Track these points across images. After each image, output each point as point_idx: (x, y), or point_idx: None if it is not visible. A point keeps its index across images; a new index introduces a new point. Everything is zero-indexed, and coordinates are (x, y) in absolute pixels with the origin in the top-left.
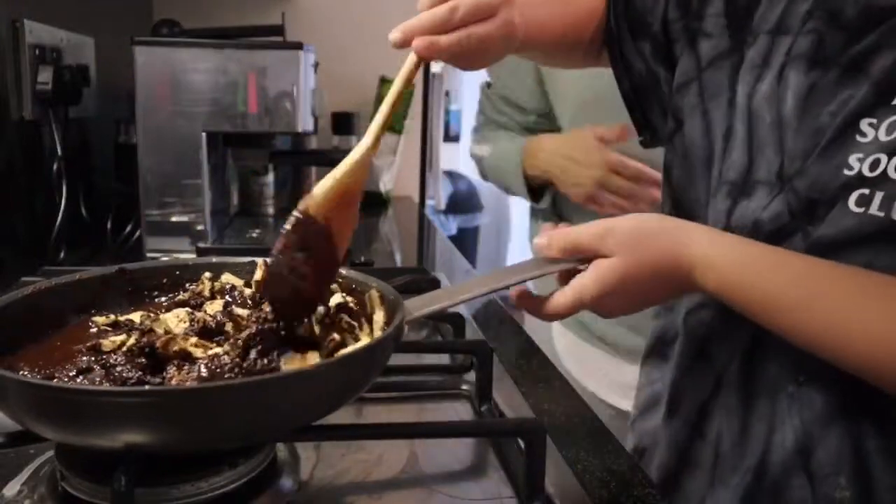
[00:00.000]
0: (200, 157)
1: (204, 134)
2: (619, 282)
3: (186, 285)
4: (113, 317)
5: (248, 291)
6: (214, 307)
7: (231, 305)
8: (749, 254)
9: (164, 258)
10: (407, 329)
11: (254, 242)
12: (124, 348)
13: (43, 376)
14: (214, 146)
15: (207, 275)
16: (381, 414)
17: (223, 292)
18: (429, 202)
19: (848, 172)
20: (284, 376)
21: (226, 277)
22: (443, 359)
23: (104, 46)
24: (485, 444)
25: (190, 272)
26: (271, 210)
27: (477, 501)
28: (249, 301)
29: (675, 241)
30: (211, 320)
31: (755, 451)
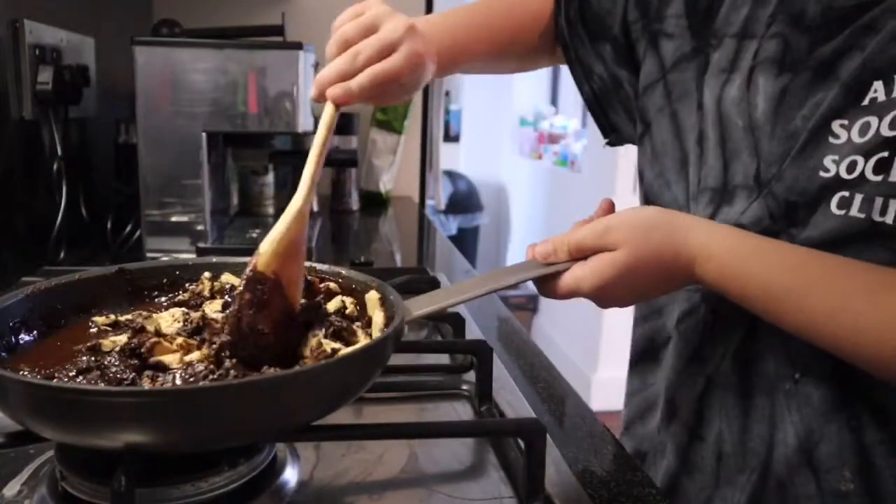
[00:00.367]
0: (200, 157)
1: (204, 134)
2: (617, 274)
3: (186, 285)
4: (113, 317)
5: None
6: (213, 307)
7: (230, 306)
8: (747, 244)
9: (164, 258)
10: (407, 329)
11: (254, 242)
12: (117, 348)
13: (43, 376)
14: (214, 146)
15: (207, 275)
16: (381, 414)
17: (223, 292)
18: (429, 202)
19: (824, 175)
20: (285, 376)
21: (225, 277)
22: (443, 359)
23: (104, 46)
24: (485, 444)
25: (190, 272)
26: (271, 210)
27: (477, 501)
28: None
29: (676, 233)
30: (200, 320)
31: (758, 451)
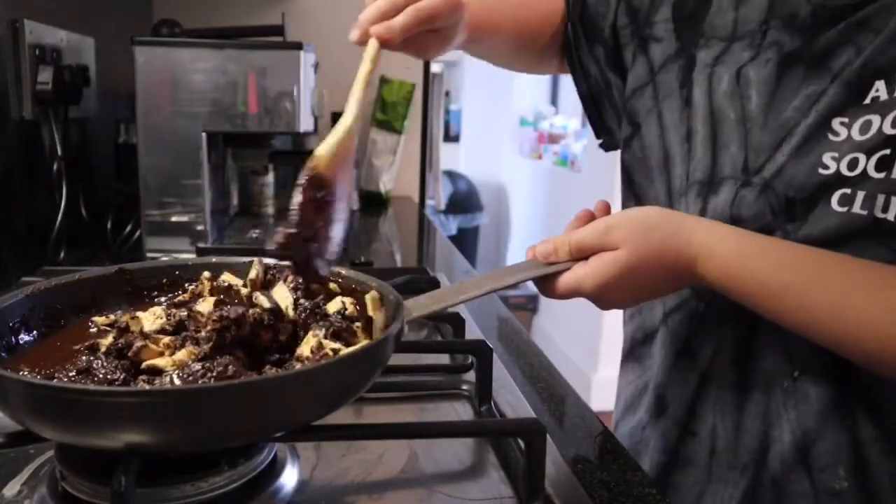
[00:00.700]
0: (200, 157)
1: (204, 134)
2: (618, 274)
3: (186, 285)
4: (113, 317)
5: (244, 291)
6: (205, 306)
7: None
8: (748, 243)
9: (164, 258)
10: (407, 329)
11: (254, 242)
12: (102, 349)
13: (43, 376)
14: (214, 146)
15: (207, 275)
16: (381, 414)
17: (220, 292)
18: (429, 202)
19: (824, 172)
20: (285, 376)
21: (225, 277)
22: (443, 359)
23: (104, 46)
24: (485, 444)
25: (189, 272)
26: (271, 210)
27: (477, 501)
28: (245, 300)
29: (677, 233)
30: (185, 316)
31: (751, 448)
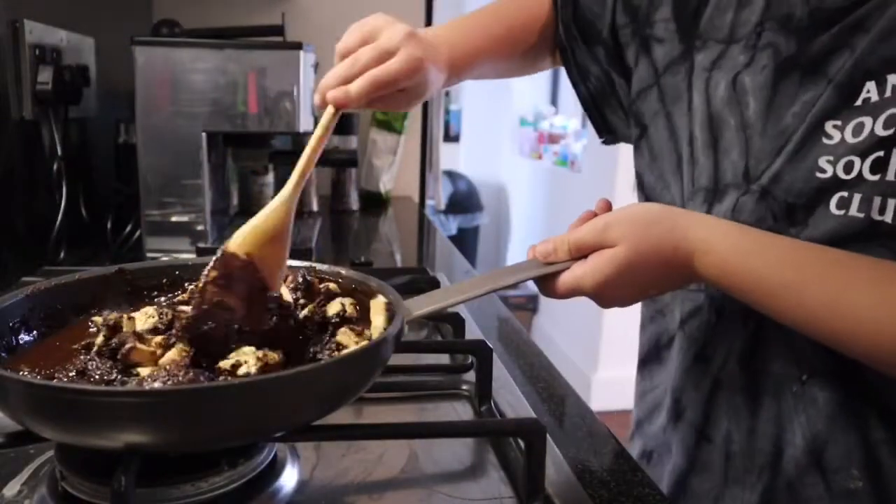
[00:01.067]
0: (200, 157)
1: (204, 134)
2: (617, 271)
3: (186, 285)
4: (114, 315)
5: None
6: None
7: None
8: (747, 239)
9: (164, 258)
10: (407, 329)
11: None
12: (94, 349)
13: (43, 376)
14: (214, 146)
15: None
16: (381, 414)
17: None
18: (429, 202)
19: (821, 175)
20: (285, 376)
21: None
22: (443, 359)
23: (104, 46)
24: (485, 444)
25: (189, 272)
26: None
27: (477, 501)
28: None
29: (675, 228)
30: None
31: (766, 451)
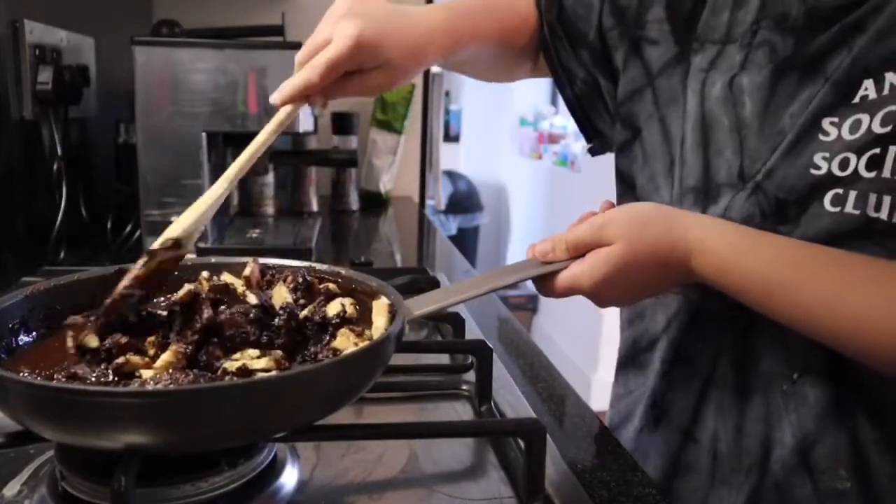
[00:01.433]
0: (200, 157)
1: (204, 134)
2: (613, 270)
3: (185, 285)
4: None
5: (241, 290)
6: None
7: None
8: (744, 238)
9: None
10: (407, 329)
11: (254, 242)
12: (87, 357)
13: (43, 377)
14: (214, 146)
15: (205, 275)
16: (381, 414)
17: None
18: (429, 202)
19: (816, 172)
20: (286, 377)
21: (224, 277)
22: (443, 359)
23: (104, 46)
24: (485, 444)
25: (188, 272)
26: (271, 210)
27: (477, 501)
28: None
29: (672, 227)
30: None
31: (753, 451)
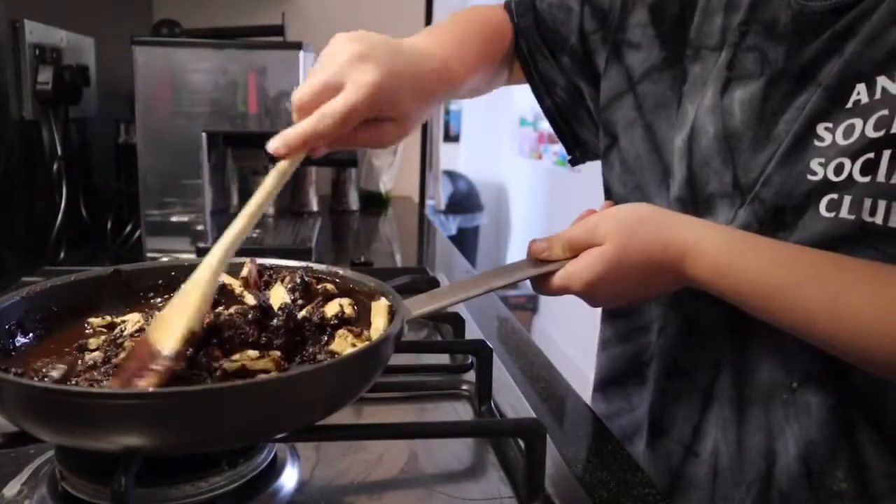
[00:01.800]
0: (200, 157)
1: (204, 134)
2: (605, 269)
3: (182, 286)
4: (109, 318)
5: (238, 290)
6: None
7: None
8: (739, 240)
9: (164, 258)
10: (407, 329)
11: (253, 243)
12: (92, 346)
13: (39, 379)
14: (214, 146)
15: None
16: (381, 414)
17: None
18: (429, 202)
19: (812, 178)
20: (286, 378)
21: (222, 278)
22: (443, 359)
23: (104, 46)
24: (485, 444)
25: (186, 273)
26: (271, 210)
27: (477, 501)
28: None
29: (666, 227)
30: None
31: (756, 464)
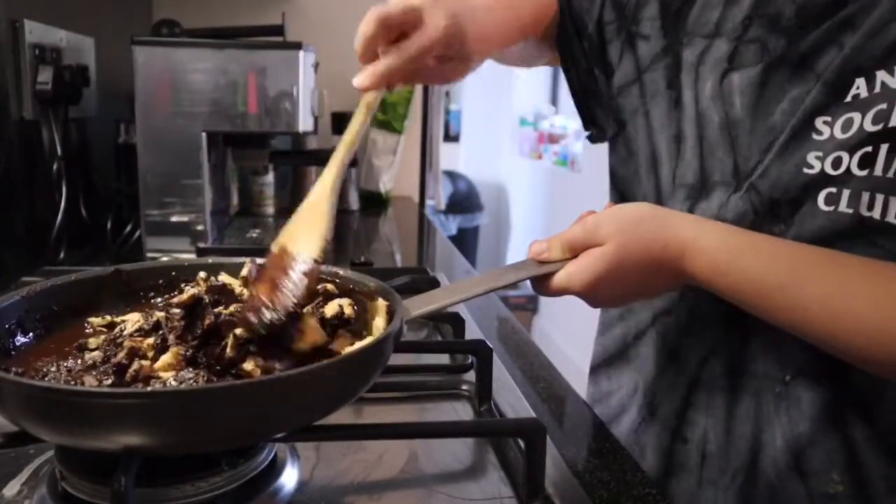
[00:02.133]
0: (200, 157)
1: (204, 134)
2: (605, 269)
3: (182, 286)
4: (109, 318)
5: (238, 290)
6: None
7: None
8: (737, 238)
9: (164, 258)
10: (407, 329)
11: (254, 242)
12: (92, 346)
13: (40, 378)
14: (214, 146)
15: (203, 275)
16: (381, 414)
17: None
18: (429, 202)
19: (809, 171)
20: (285, 377)
21: (222, 278)
22: (443, 359)
23: (104, 46)
24: (485, 444)
25: (186, 273)
26: (271, 210)
27: (477, 501)
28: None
29: (665, 227)
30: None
31: (742, 452)
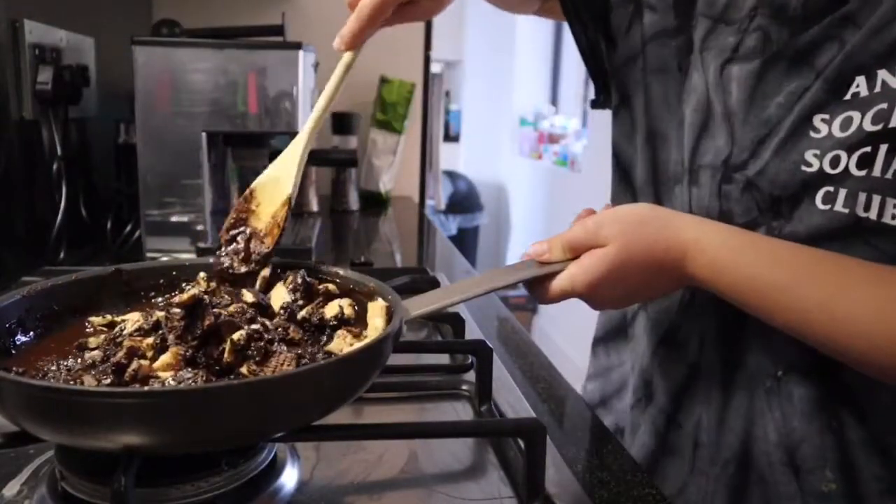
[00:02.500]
0: (200, 157)
1: (204, 134)
2: (608, 270)
3: (183, 286)
4: (109, 317)
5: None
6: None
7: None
8: (739, 239)
9: (164, 258)
10: (407, 329)
11: None
12: (92, 345)
13: (40, 378)
14: (214, 146)
15: (203, 275)
16: (381, 414)
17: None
18: (429, 202)
19: (807, 169)
20: (285, 377)
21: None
22: (443, 359)
23: (104, 46)
24: (485, 444)
25: (186, 272)
26: None
27: (477, 501)
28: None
29: (667, 227)
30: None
31: (732, 444)
